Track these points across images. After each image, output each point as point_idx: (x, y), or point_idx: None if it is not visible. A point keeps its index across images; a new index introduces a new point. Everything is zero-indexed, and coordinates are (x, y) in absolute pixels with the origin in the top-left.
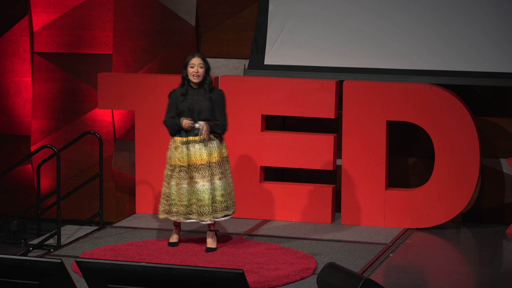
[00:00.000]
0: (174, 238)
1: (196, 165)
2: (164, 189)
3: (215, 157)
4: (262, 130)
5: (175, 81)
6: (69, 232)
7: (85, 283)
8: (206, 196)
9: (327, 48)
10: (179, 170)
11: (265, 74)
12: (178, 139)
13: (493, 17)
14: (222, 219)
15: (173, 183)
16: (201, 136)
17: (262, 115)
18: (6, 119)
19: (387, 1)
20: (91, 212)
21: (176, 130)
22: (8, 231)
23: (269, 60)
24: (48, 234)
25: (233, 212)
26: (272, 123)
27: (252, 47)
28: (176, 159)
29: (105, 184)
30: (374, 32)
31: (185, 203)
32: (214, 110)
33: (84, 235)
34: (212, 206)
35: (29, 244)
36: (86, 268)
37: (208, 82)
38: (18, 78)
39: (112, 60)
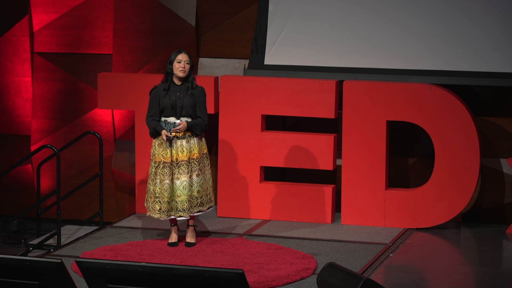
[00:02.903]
0: (173, 238)
1: (178, 161)
2: (149, 187)
3: (195, 153)
4: (262, 130)
5: None
6: (69, 232)
7: (85, 283)
8: (185, 192)
9: (327, 48)
10: (163, 167)
11: (265, 74)
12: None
13: (493, 17)
14: (196, 214)
15: (157, 180)
16: (172, 131)
17: (262, 115)
18: (6, 119)
19: (387, 1)
20: (91, 212)
21: (155, 134)
22: (8, 231)
23: (269, 60)
24: (48, 234)
25: (209, 208)
26: (272, 123)
27: (252, 47)
28: (160, 156)
29: (105, 184)
30: (374, 32)
31: (167, 199)
32: (194, 106)
33: (84, 235)
34: (189, 202)
35: (29, 244)
36: (86, 268)
37: (191, 79)
38: (18, 78)
39: (112, 60)
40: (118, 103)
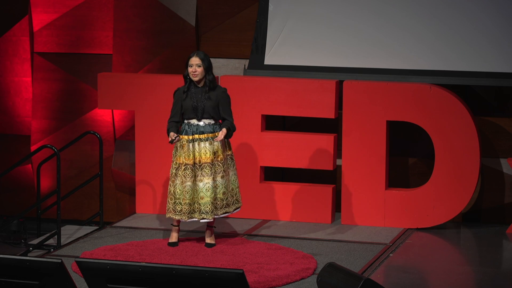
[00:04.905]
0: (173, 238)
1: (201, 163)
2: (169, 188)
3: (219, 155)
4: (262, 130)
5: (175, 81)
6: (69, 232)
7: (85, 283)
8: (208, 194)
9: (327, 48)
10: (184, 168)
11: (265, 74)
12: (184, 137)
13: (493, 17)
14: (222, 216)
15: (178, 181)
16: (215, 140)
17: (262, 115)
18: (6, 119)
19: (387, 1)
20: (91, 212)
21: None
22: (8, 231)
23: (269, 60)
24: (48, 234)
25: (235, 209)
26: (272, 123)
27: (252, 47)
28: (182, 157)
29: (105, 184)
30: (374, 32)
31: (188, 201)
32: (216, 108)
33: (84, 235)
34: (213, 204)
35: (29, 244)
36: (86, 268)
37: (207, 81)
38: (18, 78)
39: (112, 60)
40: (118, 103)
